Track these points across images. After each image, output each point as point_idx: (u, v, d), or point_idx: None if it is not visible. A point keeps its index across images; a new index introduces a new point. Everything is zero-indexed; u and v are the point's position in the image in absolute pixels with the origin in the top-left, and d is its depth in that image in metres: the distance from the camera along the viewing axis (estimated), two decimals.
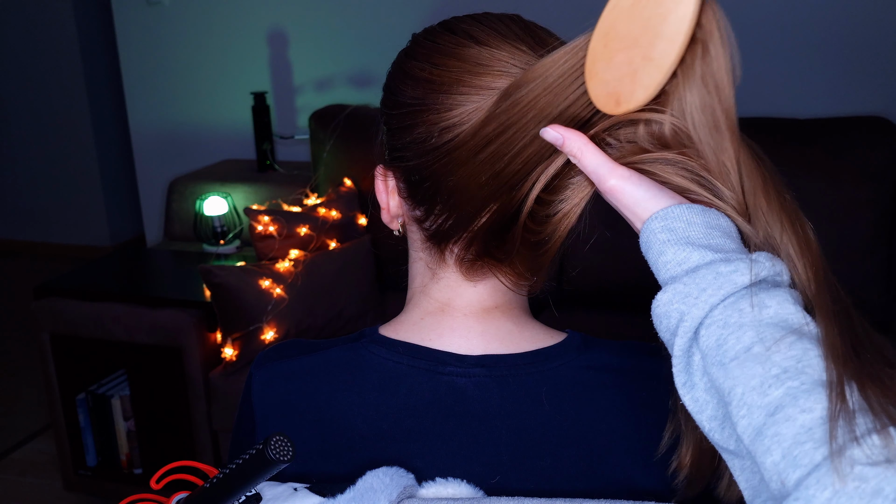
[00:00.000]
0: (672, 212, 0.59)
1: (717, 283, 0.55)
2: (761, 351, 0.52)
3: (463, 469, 0.71)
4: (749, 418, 0.50)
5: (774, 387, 0.50)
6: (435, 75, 0.68)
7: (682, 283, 0.56)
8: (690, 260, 0.57)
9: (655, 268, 0.60)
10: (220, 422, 2.27)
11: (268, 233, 2.28)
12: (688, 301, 0.56)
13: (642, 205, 0.61)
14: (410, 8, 2.90)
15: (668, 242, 0.58)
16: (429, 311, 0.76)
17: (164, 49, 3.25)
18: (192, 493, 0.63)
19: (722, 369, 0.53)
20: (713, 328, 0.54)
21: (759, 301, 0.54)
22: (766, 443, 0.49)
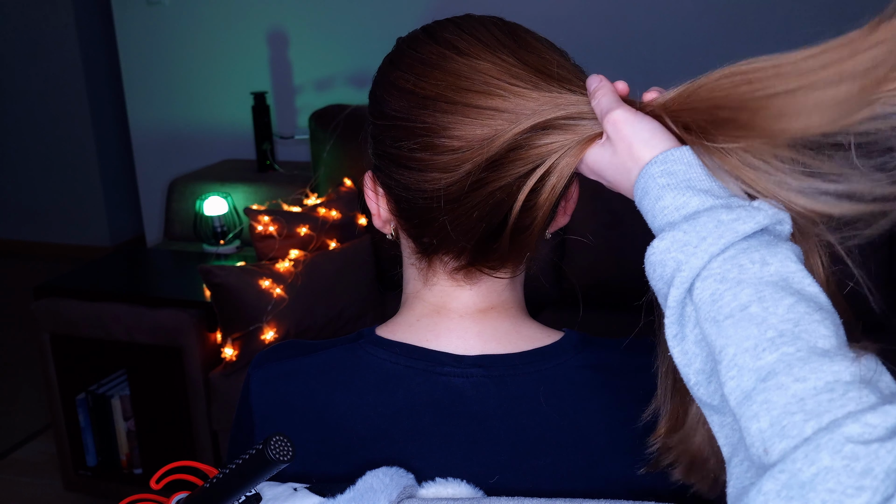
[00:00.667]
0: (672, 154, 0.57)
1: (718, 231, 0.53)
2: (758, 311, 0.50)
3: (462, 469, 0.71)
4: (738, 380, 0.49)
5: (769, 351, 0.48)
6: (419, 87, 0.67)
7: (681, 230, 0.54)
8: (689, 205, 0.55)
9: (651, 214, 0.57)
10: (220, 422, 2.27)
11: (268, 233, 2.28)
12: (686, 250, 0.53)
13: (645, 143, 0.58)
14: (410, 8, 2.90)
15: (667, 187, 0.56)
16: (424, 314, 0.76)
17: (164, 49, 3.25)
18: (192, 493, 0.63)
19: (715, 325, 0.51)
20: (709, 281, 0.52)
21: (760, 257, 0.52)
22: (755, 408, 0.47)
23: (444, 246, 0.72)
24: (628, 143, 0.59)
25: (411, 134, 0.68)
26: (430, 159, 0.67)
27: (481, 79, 0.66)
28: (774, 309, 0.49)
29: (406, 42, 0.72)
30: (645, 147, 0.58)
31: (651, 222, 0.58)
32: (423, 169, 0.68)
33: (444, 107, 0.66)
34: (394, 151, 0.70)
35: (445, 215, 0.68)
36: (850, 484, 0.42)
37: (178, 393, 2.28)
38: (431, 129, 0.67)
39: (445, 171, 0.67)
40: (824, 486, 0.42)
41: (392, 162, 0.70)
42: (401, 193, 0.71)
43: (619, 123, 0.59)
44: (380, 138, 0.72)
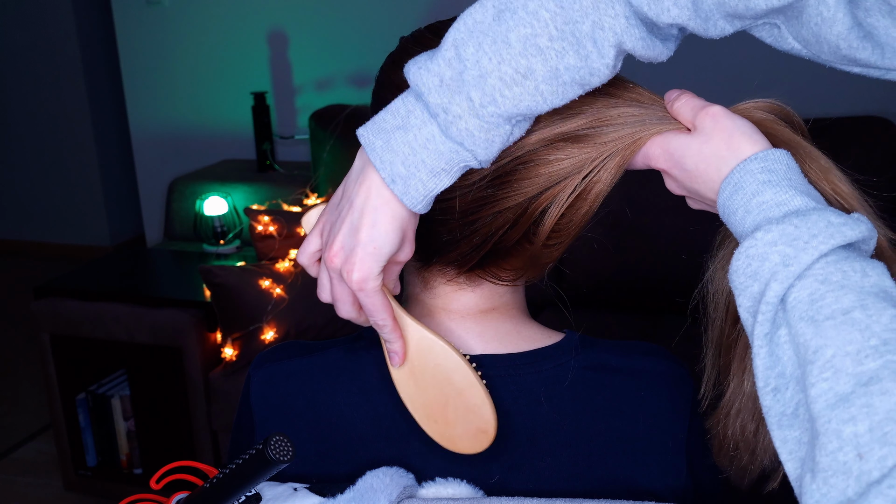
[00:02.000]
0: (773, 153, 0.57)
1: (829, 231, 0.52)
2: (862, 317, 0.48)
3: (462, 469, 0.71)
4: (833, 382, 0.47)
5: (872, 358, 0.47)
6: None
7: (791, 224, 0.53)
8: (792, 202, 0.54)
9: (745, 209, 0.56)
10: (220, 422, 2.27)
11: (268, 233, 2.28)
12: (796, 244, 0.52)
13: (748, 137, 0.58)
14: (410, 8, 2.90)
15: (768, 183, 0.55)
16: (425, 314, 0.75)
17: (164, 49, 3.25)
18: (192, 493, 0.63)
19: (812, 325, 0.50)
20: (810, 280, 0.51)
21: (860, 267, 0.51)
22: (853, 411, 0.46)
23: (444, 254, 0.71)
24: (729, 134, 0.59)
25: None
26: None
27: None
28: (878, 318, 0.48)
29: (410, 41, 0.71)
30: (747, 140, 0.58)
31: (741, 218, 0.56)
32: None
33: None
34: None
35: (446, 233, 0.68)
36: None
37: (178, 393, 2.28)
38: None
39: None
40: None
41: None
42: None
43: (719, 115, 0.60)
44: None
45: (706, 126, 0.60)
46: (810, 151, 0.61)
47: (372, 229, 0.62)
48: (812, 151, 0.61)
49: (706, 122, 0.60)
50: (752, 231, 0.54)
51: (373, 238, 0.62)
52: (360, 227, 0.63)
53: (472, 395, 0.66)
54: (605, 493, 0.71)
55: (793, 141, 0.61)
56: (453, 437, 0.66)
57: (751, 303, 0.54)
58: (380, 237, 0.63)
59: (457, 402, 0.66)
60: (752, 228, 0.55)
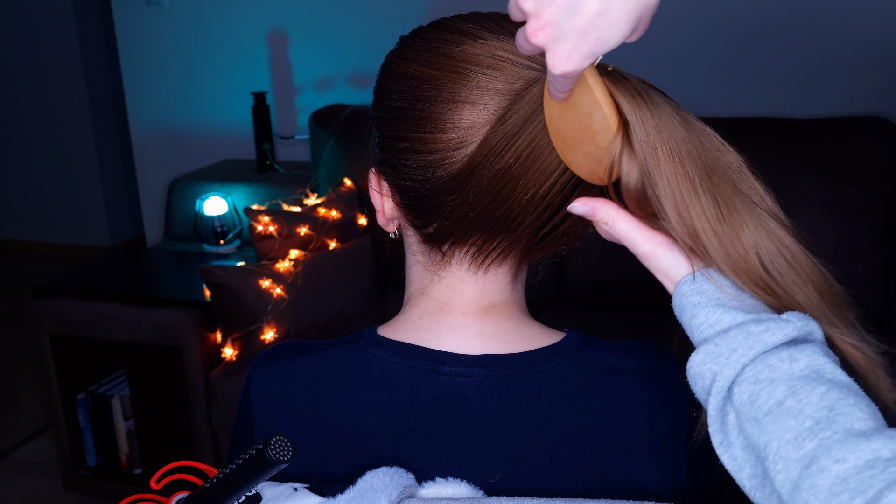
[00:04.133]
0: (700, 275, 0.60)
1: (748, 342, 0.56)
2: (793, 404, 0.52)
3: (462, 469, 0.71)
4: (786, 472, 0.51)
5: (808, 439, 0.50)
6: (424, 74, 0.67)
7: (713, 343, 0.57)
8: (722, 321, 0.58)
9: (689, 330, 0.61)
10: (220, 422, 2.27)
11: (268, 233, 2.28)
12: (719, 361, 0.56)
13: (674, 269, 0.62)
14: (410, 8, 2.90)
15: (699, 305, 0.60)
16: (427, 311, 0.75)
17: (164, 49, 3.25)
18: (192, 493, 0.63)
19: (756, 425, 0.53)
20: (745, 384, 0.55)
21: (788, 355, 0.54)
22: (804, 496, 0.49)
23: (460, 236, 0.71)
24: (663, 272, 0.63)
25: (417, 119, 0.67)
26: (437, 139, 0.67)
27: (489, 60, 0.65)
28: (808, 399, 0.52)
29: (410, 35, 0.72)
30: (676, 274, 0.62)
31: (690, 337, 0.61)
32: (429, 151, 0.67)
33: (451, 87, 0.66)
34: (400, 140, 0.69)
35: (455, 195, 0.68)
36: None
37: (178, 393, 2.28)
38: (437, 113, 0.66)
39: (453, 150, 0.66)
40: None
41: (397, 150, 0.70)
42: (406, 183, 0.70)
43: (649, 259, 0.63)
44: (385, 130, 0.71)
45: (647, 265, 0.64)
46: None
47: (600, 17, 0.49)
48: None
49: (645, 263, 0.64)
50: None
51: (598, 27, 0.50)
52: (583, 6, 0.49)
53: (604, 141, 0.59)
54: (606, 492, 0.71)
55: None
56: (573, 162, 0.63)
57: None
58: (608, 28, 0.50)
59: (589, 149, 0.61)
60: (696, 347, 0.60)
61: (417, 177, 0.69)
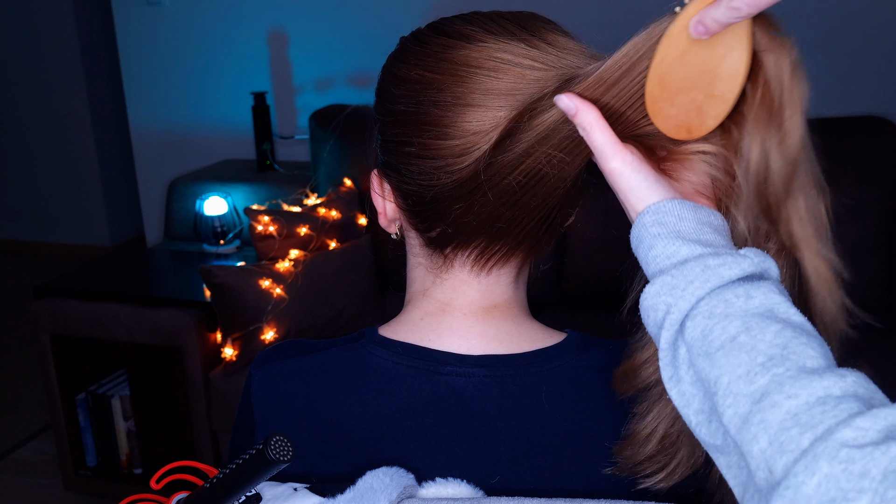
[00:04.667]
0: (664, 206, 0.59)
1: (705, 275, 0.55)
2: (747, 340, 0.52)
3: (463, 469, 0.71)
4: (735, 407, 0.50)
5: (760, 374, 0.50)
6: (425, 77, 0.67)
7: (669, 275, 0.56)
8: (679, 254, 0.57)
9: (645, 262, 0.60)
10: (220, 422, 2.27)
11: (268, 233, 2.28)
12: (674, 293, 0.56)
13: (637, 194, 0.61)
14: (410, 8, 2.90)
15: (658, 236, 0.59)
16: (428, 312, 0.75)
17: (164, 49, 3.25)
18: (192, 493, 0.63)
19: (707, 359, 0.53)
20: (699, 319, 0.54)
21: (744, 292, 0.54)
22: (753, 430, 0.49)
23: (462, 240, 0.71)
24: (624, 194, 0.62)
25: (420, 125, 0.67)
26: (441, 145, 0.67)
27: (491, 63, 0.65)
28: (762, 336, 0.52)
29: (410, 38, 0.72)
30: (637, 200, 0.61)
31: (645, 269, 0.60)
32: (433, 157, 0.67)
33: (454, 94, 0.66)
34: (403, 145, 0.69)
35: (460, 204, 0.68)
36: (850, 488, 0.43)
37: (178, 393, 2.28)
38: (440, 118, 0.66)
39: (456, 157, 0.66)
40: (827, 494, 0.43)
41: (401, 154, 0.70)
42: (410, 188, 0.70)
43: (614, 176, 0.62)
44: (388, 133, 0.71)
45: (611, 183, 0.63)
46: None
47: None
48: None
49: (610, 181, 0.63)
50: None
51: None
52: None
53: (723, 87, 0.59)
54: (606, 493, 0.71)
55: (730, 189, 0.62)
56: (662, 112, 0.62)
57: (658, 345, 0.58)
58: None
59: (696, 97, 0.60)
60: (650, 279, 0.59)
61: (421, 182, 0.69)
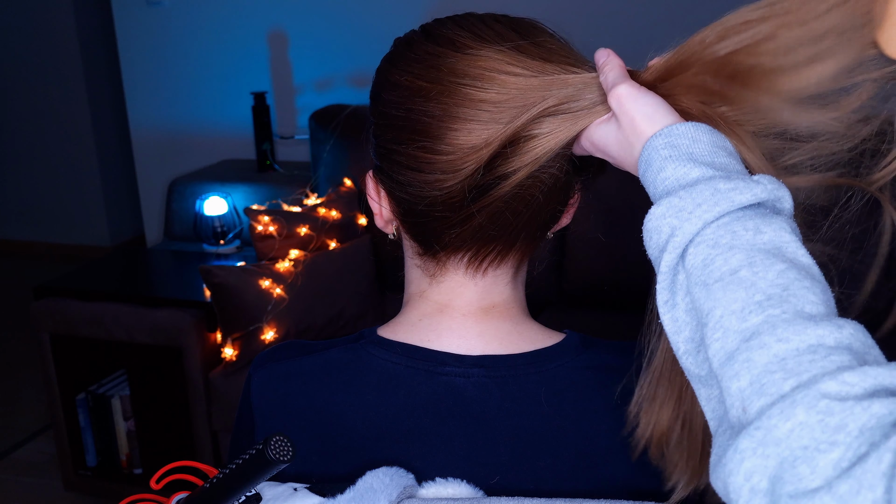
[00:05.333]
0: (677, 129, 0.57)
1: (714, 199, 0.53)
2: (748, 275, 0.50)
3: (462, 469, 0.71)
4: (723, 341, 0.49)
5: (755, 313, 0.48)
6: (415, 87, 0.67)
7: (677, 196, 0.54)
8: (690, 175, 0.55)
9: (653, 185, 0.57)
10: (220, 422, 2.27)
11: (268, 233, 2.28)
12: (681, 215, 0.53)
13: (649, 117, 0.59)
14: (410, 8, 2.90)
15: (669, 158, 0.56)
16: (426, 313, 0.76)
17: (164, 49, 3.25)
18: (192, 493, 0.63)
19: (704, 289, 0.51)
20: (702, 246, 0.52)
21: (754, 226, 0.52)
22: (736, 367, 0.47)
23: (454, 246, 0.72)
24: (631, 118, 0.59)
25: (411, 133, 0.68)
26: (431, 159, 0.67)
27: (477, 72, 0.65)
28: (764, 274, 0.50)
29: (403, 42, 0.72)
30: (647, 122, 0.59)
31: (652, 193, 0.58)
32: (423, 170, 0.68)
33: (443, 104, 0.66)
34: (394, 152, 0.70)
35: (453, 226, 0.69)
36: (824, 439, 0.42)
37: (178, 393, 2.28)
38: (430, 128, 0.66)
39: (447, 173, 0.67)
40: (798, 441, 0.42)
41: (393, 162, 0.70)
42: (402, 196, 0.71)
43: (622, 98, 0.60)
44: (380, 138, 0.71)
45: (615, 110, 0.61)
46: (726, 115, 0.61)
47: None
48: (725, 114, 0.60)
49: (614, 106, 0.61)
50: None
51: None
52: None
53: None
54: (606, 493, 0.71)
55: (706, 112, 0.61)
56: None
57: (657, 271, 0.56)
58: None
59: None
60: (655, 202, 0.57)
61: (412, 192, 0.69)
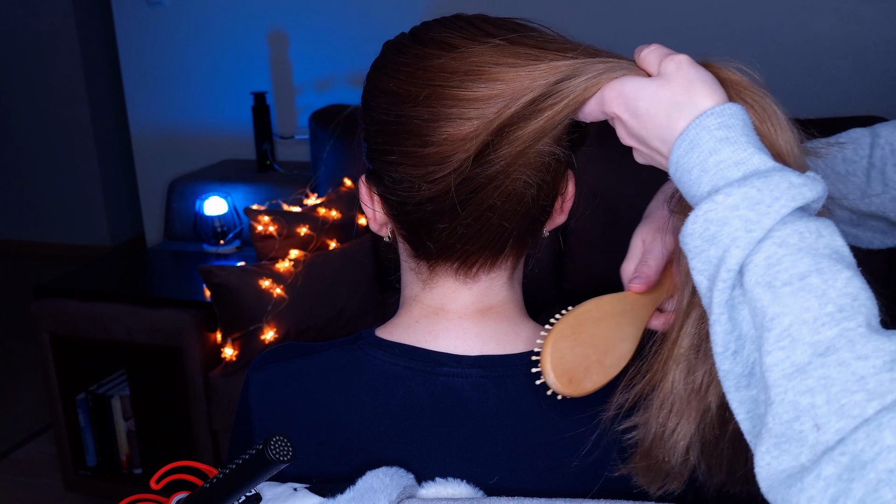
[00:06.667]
0: (730, 108, 0.55)
1: (790, 193, 0.50)
2: (818, 283, 0.48)
3: (461, 470, 0.71)
4: (790, 351, 0.47)
5: (828, 326, 0.46)
6: (403, 89, 0.67)
7: (753, 187, 0.51)
8: (751, 162, 0.52)
9: (701, 168, 0.54)
10: (220, 422, 2.27)
11: (268, 233, 2.28)
12: (759, 208, 0.50)
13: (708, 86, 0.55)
14: (410, 8, 2.90)
15: (726, 140, 0.53)
16: (423, 315, 0.76)
17: (164, 49, 3.25)
18: (192, 493, 0.63)
19: (770, 291, 0.49)
20: (766, 243, 0.50)
21: (815, 227, 0.50)
22: (809, 383, 0.46)
23: (445, 253, 0.72)
24: (689, 81, 0.56)
25: (401, 133, 0.68)
26: (421, 153, 0.67)
27: (468, 68, 0.65)
28: (833, 282, 0.48)
29: (391, 47, 0.72)
30: (706, 90, 0.56)
31: (697, 177, 0.54)
32: (415, 164, 0.67)
33: (431, 108, 0.65)
34: (386, 153, 0.70)
35: (443, 221, 0.69)
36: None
37: (178, 393, 2.28)
38: (421, 129, 0.66)
39: (436, 164, 0.66)
40: (885, 465, 0.42)
41: (384, 163, 0.70)
42: (393, 198, 0.71)
43: (683, 63, 0.57)
44: (372, 142, 0.72)
45: (668, 71, 0.57)
46: (770, 109, 0.60)
47: None
48: (769, 108, 0.60)
49: (669, 67, 0.57)
50: (710, 193, 0.53)
51: None
52: None
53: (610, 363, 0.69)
54: (605, 493, 0.71)
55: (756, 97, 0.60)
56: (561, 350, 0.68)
57: (705, 266, 0.53)
58: None
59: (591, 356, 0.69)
60: (709, 189, 0.53)
61: (403, 192, 0.69)
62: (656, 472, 0.65)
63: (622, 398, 0.66)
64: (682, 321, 0.62)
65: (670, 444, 0.63)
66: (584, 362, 0.68)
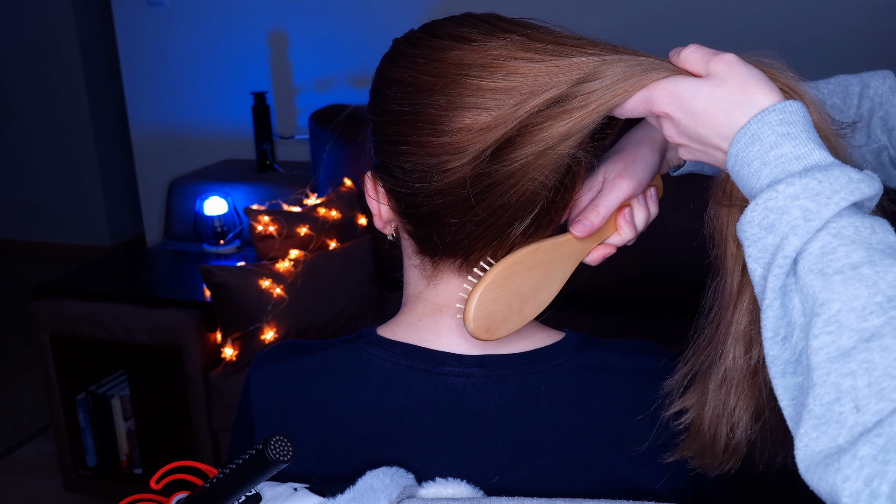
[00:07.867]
0: (790, 105, 0.56)
1: (849, 187, 0.52)
2: (870, 273, 0.49)
3: (462, 469, 0.71)
4: (836, 336, 0.49)
5: (876, 314, 0.48)
6: (420, 80, 0.66)
7: (815, 179, 0.53)
8: (811, 157, 0.54)
9: (761, 161, 0.55)
10: (220, 422, 2.27)
11: (268, 233, 2.28)
12: (819, 199, 0.52)
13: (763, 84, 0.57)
14: (410, 8, 2.90)
15: (787, 136, 0.55)
16: (425, 313, 0.75)
17: (164, 49, 3.25)
18: (192, 493, 0.63)
19: (821, 278, 0.51)
20: (822, 233, 0.52)
21: (870, 224, 0.52)
22: (852, 366, 0.47)
23: (451, 249, 0.71)
24: (744, 80, 0.58)
25: (416, 122, 0.67)
26: (436, 142, 0.66)
27: (485, 61, 0.64)
28: (885, 274, 0.49)
29: (403, 40, 0.71)
30: (763, 88, 0.57)
31: (756, 170, 0.56)
32: (429, 153, 0.67)
33: (449, 96, 0.65)
34: (398, 144, 0.69)
35: (454, 214, 0.68)
36: None
37: (178, 393, 2.28)
38: (437, 118, 0.65)
39: (451, 154, 0.65)
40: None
41: (396, 154, 0.69)
42: (402, 190, 0.70)
43: (734, 62, 0.59)
44: (382, 133, 0.71)
45: (720, 71, 0.59)
46: (814, 106, 0.61)
47: None
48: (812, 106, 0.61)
49: (720, 68, 0.59)
50: (770, 184, 0.55)
51: None
52: None
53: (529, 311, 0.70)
54: (606, 493, 0.71)
55: (801, 94, 0.61)
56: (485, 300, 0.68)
57: (761, 254, 0.54)
58: None
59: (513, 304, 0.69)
60: (769, 181, 0.55)
61: (414, 183, 0.68)
62: (714, 451, 0.65)
63: (672, 383, 0.66)
64: (737, 300, 0.64)
65: (732, 421, 0.64)
66: (504, 311, 0.69)
